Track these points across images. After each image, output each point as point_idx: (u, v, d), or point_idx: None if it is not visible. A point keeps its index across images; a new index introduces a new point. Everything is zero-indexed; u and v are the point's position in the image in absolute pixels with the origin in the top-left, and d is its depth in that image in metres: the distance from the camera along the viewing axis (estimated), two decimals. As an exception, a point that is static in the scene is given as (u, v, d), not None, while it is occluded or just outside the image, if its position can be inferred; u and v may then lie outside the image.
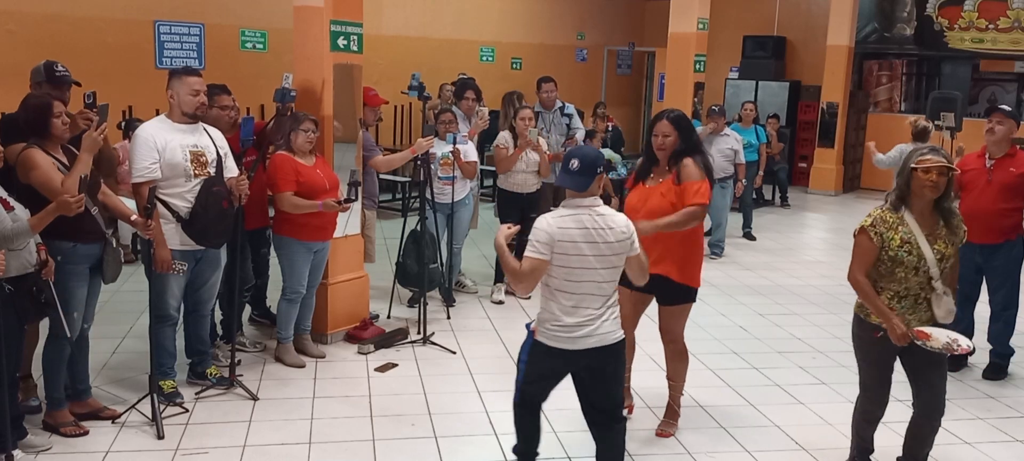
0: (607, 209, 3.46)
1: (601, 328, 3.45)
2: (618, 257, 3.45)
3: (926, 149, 3.63)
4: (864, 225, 3.63)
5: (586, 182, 3.39)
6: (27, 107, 4.02)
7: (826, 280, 7.97)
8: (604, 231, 3.40)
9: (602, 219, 3.41)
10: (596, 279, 3.42)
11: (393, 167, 6.33)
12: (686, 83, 9.31)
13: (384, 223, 8.61)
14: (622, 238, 3.43)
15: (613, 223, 3.42)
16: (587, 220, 3.39)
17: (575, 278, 3.40)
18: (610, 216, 3.44)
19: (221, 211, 4.48)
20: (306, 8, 5.45)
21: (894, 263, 3.60)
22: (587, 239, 3.38)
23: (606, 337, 3.47)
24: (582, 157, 3.40)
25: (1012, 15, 12.64)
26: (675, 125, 4.24)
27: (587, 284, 3.41)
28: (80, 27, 8.48)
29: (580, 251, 3.38)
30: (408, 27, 12.02)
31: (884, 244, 3.59)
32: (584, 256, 3.38)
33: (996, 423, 4.82)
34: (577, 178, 3.38)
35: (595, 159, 3.42)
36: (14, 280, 3.69)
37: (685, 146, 4.24)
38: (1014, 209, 5.26)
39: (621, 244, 3.43)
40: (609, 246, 3.41)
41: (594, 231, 3.39)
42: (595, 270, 3.40)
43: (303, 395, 4.87)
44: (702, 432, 4.55)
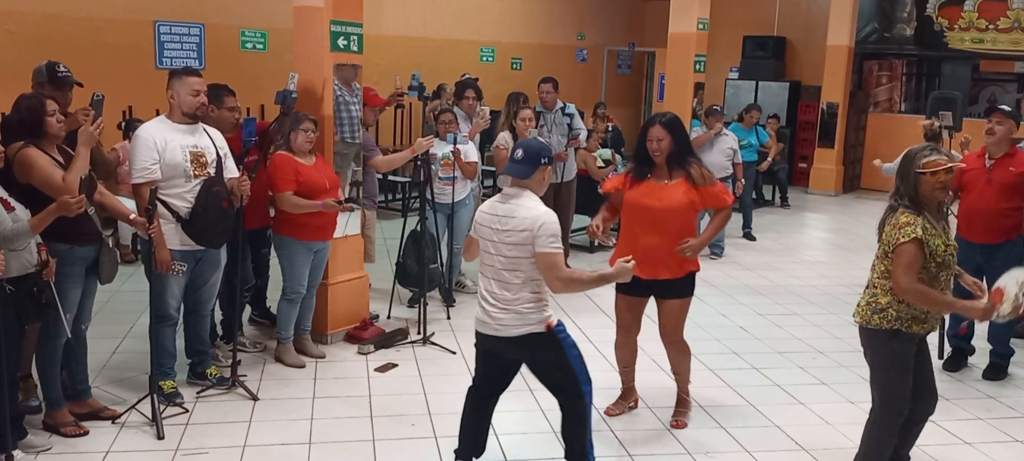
0: (528, 201, 3.48)
1: (500, 318, 3.51)
2: (520, 249, 3.44)
3: (926, 149, 3.61)
4: (916, 235, 3.48)
5: (527, 170, 3.49)
6: (20, 108, 4.01)
7: (826, 280, 7.97)
8: (507, 220, 3.47)
9: (513, 208, 3.47)
10: (494, 265, 3.52)
11: (393, 167, 6.34)
12: (686, 83, 9.30)
13: (384, 223, 8.61)
14: (525, 228, 3.42)
15: (520, 214, 3.45)
16: (500, 207, 3.51)
17: (484, 261, 3.59)
18: (523, 208, 3.46)
19: (221, 211, 4.48)
20: (306, 8, 5.45)
21: (940, 268, 3.56)
22: (492, 225, 3.51)
23: (505, 328, 3.51)
24: (526, 148, 3.56)
25: (1012, 15, 12.64)
26: (668, 129, 4.30)
27: (491, 269, 3.55)
28: (80, 27, 8.48)
29: (486, 235, 3.55)
30: (408, 27, 12.02)
31: (932, 251, 3.51)
32: (489, 241, 3.53)
33: (996, 423, 4.82)
34: (519, 166, 3.51)
35: (539, 150, 3.56)
36: (14, 280, 3.68)
37: (679, 148, 4.31)
38: (1014, 209, 5.26)
39: (523, 235, 3.42)
40: (507, 234, 3.46)
41: (500, 218, 3.49)
42: (494, 256, 3.51)
43: (303, 395, 4.87)
44: (702, 432, 4.55)
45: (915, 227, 3.50)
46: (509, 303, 3.49)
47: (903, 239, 3.50)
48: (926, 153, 3.57)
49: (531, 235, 3.42)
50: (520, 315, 3.50)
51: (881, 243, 3.67)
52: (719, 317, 6.68)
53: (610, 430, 4.54)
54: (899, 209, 3.61)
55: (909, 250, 3.49)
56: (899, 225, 3.54)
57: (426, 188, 6.03)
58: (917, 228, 3.49)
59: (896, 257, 3.53)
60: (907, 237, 3.49)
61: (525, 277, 3.48)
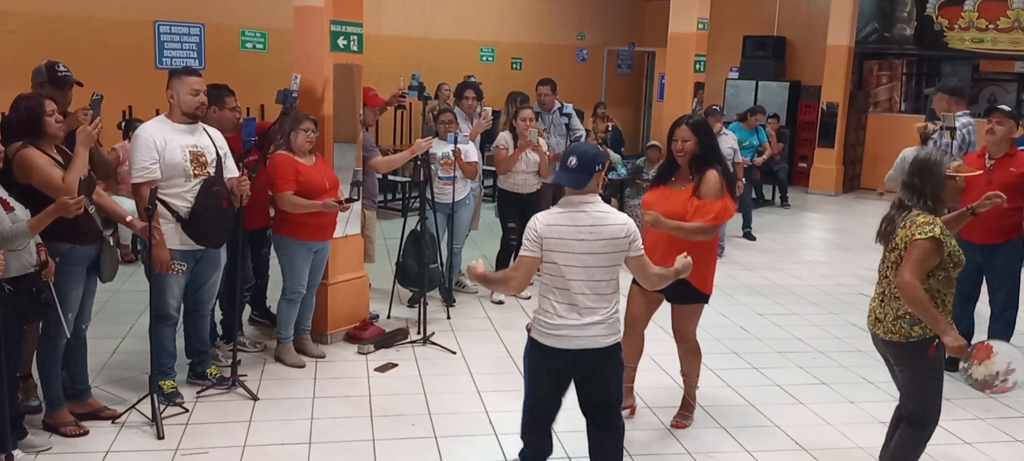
0: (606, 207, 3.40)
1: (593, 330, 3.37)
2: (614, 256, 3.37)
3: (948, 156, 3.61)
4: (935, 234, 3.45)
5: (584, 179, 3.34)
6: (18, 108, 4.01)
7: (826, 280, 7.97)
8: (598, 229, 3.33)
9: (598, 216, 3.35)
10: (587, 278, 3.35)
11: (393, 168, 6.34)
12: (686, 83, 9.31)
13: (384, 223, 8.61)
14: (618, 236, 3.35)
15: (611, 221, 3.36)
16: (581, 217, 3.34)
17: (566, 275, 3.35)
18: (608, 214, 3.38)
19: (220, 211, 4.48)
20: (306, 8, 5.45)
21: (957, 268, 3.55)
22: (578, 237, 3.33)
23: (598, 340, 3.39)
24: (581, 154, 3.36)
25: (1012, 15, 12.64)
26: (694, 130, 4.26)
27: (578, 283, 3.35)
28: (80, 27, 8.48)
29: (571, 248, 3.33)
30: (408, 27, 12.02)
31: (950, 252, 3.50)
32: (575, 254, 3.33)
33: (996, 423, 4.82)
34: (575, 175, 3.34)
35: (594, 156, 3.38)
36: (14, 280, 3.68)
37: (704, 151, 4.26)
38: (1014, 209, 5.25)
39: (617, 243, 3.35)
40: (603, 243, 3.33)
41: (587, 229, 3.33)
42: (587, 269, 3.34)
43: (303, 395, 4.87)
44: (702, 432, 4.55)
45: (933, 227, 3.47)
46: (605, 313, 3.38)
47: (920, 236, 3.46)
48: (948, 158, 3.57)
49: (627, 242, 3.36)
50: (611, 324, 3.41)
51: (893, 247, 3.60)
52: (719, 317, 6.68)
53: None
54: (913, 209, 3.58)
55: (925, 247, 3.45)
56: (917, 224, 3.50)
57: (426, 188, 6.02)
58: (936, 228, 3.47)
59: (909, 251, 3.48)
60: (924, 234, 3.45)
61: (616, 283, 3.42)
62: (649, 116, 16.47)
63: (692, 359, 4.56)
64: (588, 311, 3.36)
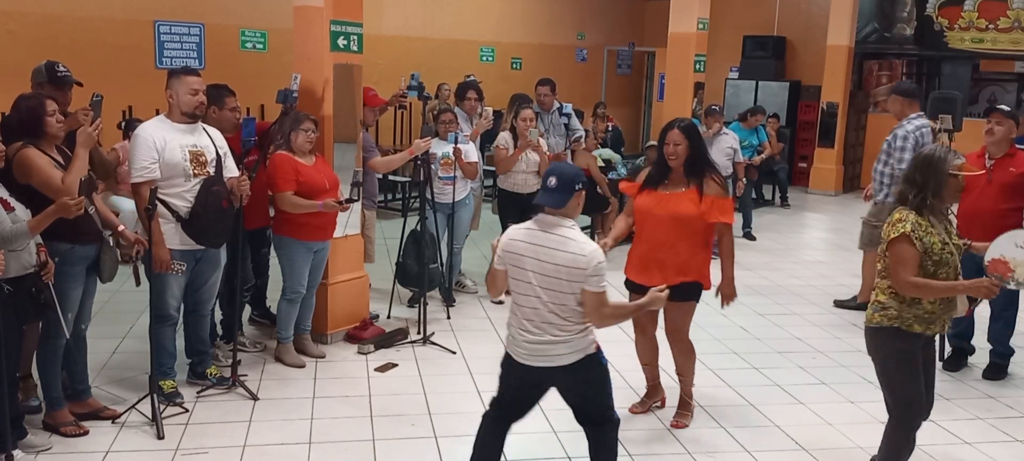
0: (575, 234, 3.27)
1: (545, 350, 3.30)
2: (567, 284, 3.22)
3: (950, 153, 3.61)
4: (904, 231, 3.48)
5: (562, 199, 3.26)
6: (19, 108, 4.01)
7: (826, 280, 7.97)
8: (555, 252, 3.22)
9: (559, 240, 3.24)
10: (536, 301, 3.27)
11: (392, 168, 6.34)
12: (686, 83, 9.30)
13: (384, 223, 8.61)
14: (575, 266, 3.19)
15: (570, 248, 3.22)
16: (542, 238, 3.26)
17: (520, 291, 3.33)
18: (572, 241, 3.23)
19: (220, 211, 4.48)
20: (306, 8, 5.45)
21: (938, 266, 3.54)
22: (534, 256, 3.26)
23: (554, 359, 3.32)
24: (560, 175, 3.29)
25: (1012, 15, 12.64)
26: (686, 134, 4.28)
27: (527, 301, 3.29)
28: (80, 27, 8.48)
29: (523, 266, 3.28)
30: (408, 27, 12.01)
31: (926, 249, 3.50)
32: (525, 272, 3.28)
33: (996, 423, 4.82)
34: (553, 195, 3.27)
35: (574, 176, 3.30)
36: (13, 281, 3.68)
37: (695, 154, 4.29)
38: (1014, 209, 5.26)
39: (570, 272, 3.20)
40: (556, 268, 3.22)
41: (544, 250, 3.24)
42: (536, 290, 3.26)
43: (303, 395, 4.87)
44: (702, 432, 4.55)
45: (904, 223, 3.52)
46: (560, 331, 3.28)
47: (893, 235, 3.53)
48: (952, 156, 3.59)
49: (583, 274, 3.19)
50: (572, 342, 3.30)
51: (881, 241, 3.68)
52: (719, 317, 6.66)
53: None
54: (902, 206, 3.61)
55: (899, 248, 3.51)
56: (892, 222, 3.57)
57: (426, 188, 6.03)
58: (906, 224, 3.51)
59: (890, 256, 3.55)
60: (896, 233, 3.52)
61: (567, 309, 3.28)
62: (649, 116, 16.47)
63: (686, 358, 4.57)
64: (541, 331, 3.29)
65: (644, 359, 4.71)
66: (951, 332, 5.62)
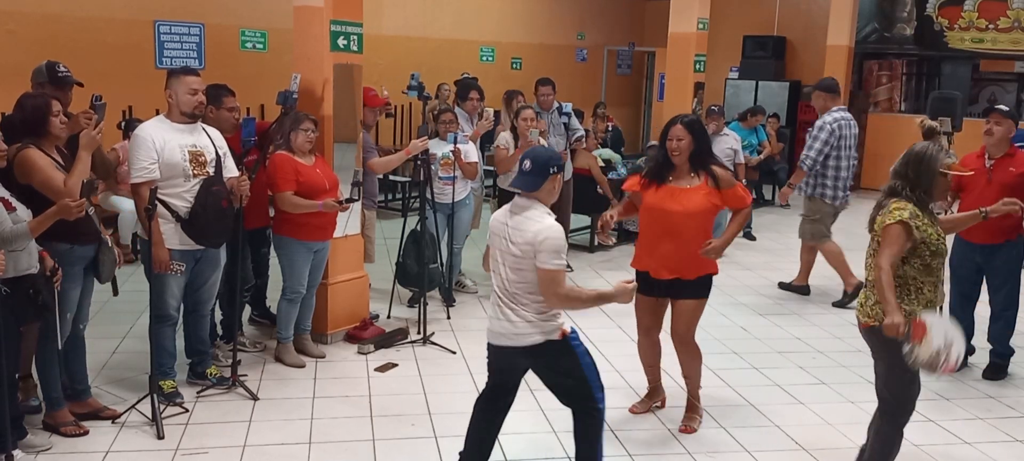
0: (540, 215, 3.38)
1: (513, 328, 3.43)
2: (527, 262, 3.35)
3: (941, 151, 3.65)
4: (903, 218, 3.53)
5: (537, 182, 3.40)
6: (24, 107, 4.01)
7: (826, 280, 7.96)
8: (519, 231, 3.38)
9: (523, 221, 3.38)
10: (503, 280, 3.45)
11: (390, 168, 6.34)
12: (686, 83, 9.30)
13: (384, 223, 8.61)
14: (527, 242, 3.33)
15: (525, 227, 3.36)
16: (511, 219, 3.43)
17: (494, 270, 3.52)
18: (532, 221, 3.36)
19: (220, 211, 4.48)
20: (306, 8, 5.45)
21: (935, 256, 3.60)
22: (504, 234, 3.44)
23: (519, 338, 3.44)
24: (534, 158, 3.43)
25: (1012, 15, 12.64)
26: (689, 129, 4.29)
27: (496, 279, 3.49)
28: (80, 27, 8.48)
29: (496, 245, 3.50)
30: (408, 27, 12.02)
31: (925, 239, 3.55)
32: (498, 252, 3.48)
33: (996, 423, 4.82)
34: (526, 178, 3.41)
35: (548, 160, 3.43)
36: (11, 282, 3.68)
37: (699, 149, 4.31)
38: (1014, 209, 5.26)
39: (526, 249, 3.34)
40: (517, 247, 3.37)
41: (512, 230, 3.41)
42: (504, 270, 3.44)
43: (303, 395, 4.87)
44: (702, 432, 4.55)
45: (903, 211, 3.56)
46: (525, 311, 3.41)
47: (890, 220, 3.56)
48: (944, 155, 3.62)
49: (532, 249, 3.32)
50: (533, 324, 3.41)
51: (873, 234, 3.71)
52: (719, 317, 6.67)
53: (610, 430, 4.53)
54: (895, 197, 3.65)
55: (893, 230, 3.54)
56: (891, 210, 3.60)
57: (426, 188, 6.02)
58: (905, 212, 3.55)
59: (882, 236, 3.59)
60: (894, 218, 3.55)
61: (531, 288, 3.39)
62: (649, 116, 16.47)
63: (693, 361, 4.56)
64: (510, 307, 3.43)
65: (647, 361, 4.70)
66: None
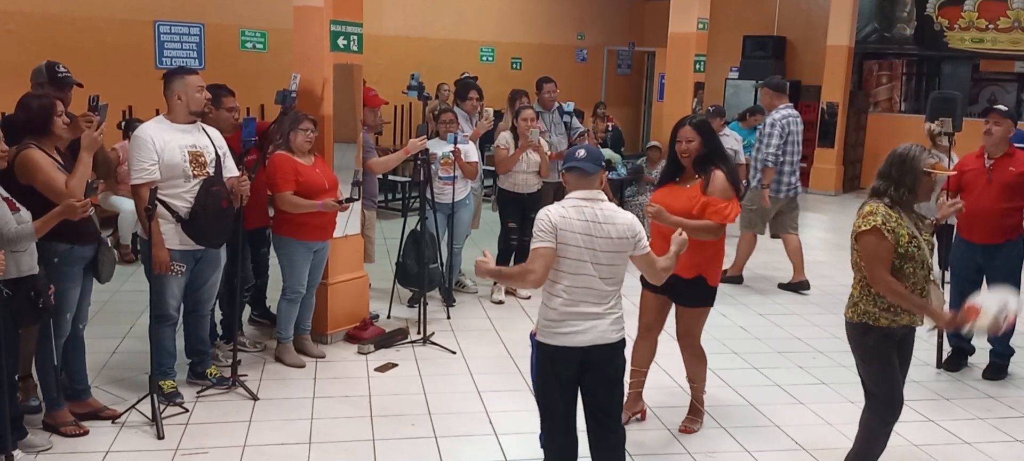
0: (611, 205, 3.42)
1: (599, 326, 3.37)
2: (618, 255, 3.37)
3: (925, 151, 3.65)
4: (875, 224, 3.52)
5: (595, 167, 3.41)
6: (29, 107, 4.02)
7: (826, 280, 7.96)
8: (605, 226, 3.34)
9: (604, 213, 3.36)
10: (594, 274, 3.34)
11: (389, 168, 6.34)
12: (686, 83, 9.31)
13: (384, 223, 8.61)
14: (624, 235, 3.36)
15: (617, 219, 3.37)
16: (589, 212, 3.35)
17: (573, 270, 3.34)
18: (614, 212, 3.39)
19: (220, 211, 4.47)
20: (306, 8, 5.45)
21: (904, 260, 3.56)
22: (586, 231, 3.33)
23: (605, 335, 3.38)
24: (589, 149, 3.47)
25: (1012, 15, 12.64)
26: (697, 130, 4.26)
27: (584, 278, 3.34)
28: (80, 27, 8.48)
29: (579, 243, 3.33)
30: (408, 27, 12.02)
31: (897, 241, 3.54)
32: (582, 248, 3.33)
33: (996, 423, 4.82)
34: (588, 162, 3.40)
35: (599, 154, 3.48)
36: (12, 283, 3.68)
37: (709, 150, 4.26)
38: (1014, 208, 5.26)
39: (623, 242, 3.36)
40: (609, 242, 3.34)
41: (594, 224, 3.34)
42: (597, 265, 3.34)
43: (303, 395, 4.87)
44: (702, 432, 4.55)
45: (875, 216, 3.55)
46: (611, 308, 3.40)
47: (864, 228, 3.56)
48: (927, 155, 3.62)
49: (633, 240, 3.38)
50: (617, 320, 3.42)
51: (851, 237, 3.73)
52: (719, 317, 6.67)
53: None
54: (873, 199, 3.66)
55: (869, 241, 3.55)
56: (863, 215, 3.61)
57: (426, 188, 6.03)
58: (877, 217, 3.54)
59: (860, 250, 3.61)
60: (867, 226, 3.55)
61: (621, 279, 3.43)
62: (649, 116, 16.47)
63: (698, 364, 4.54)
64: (596, 306, 3.36)
65: (637, 362, 4.60)
66: (951, 332, 5.62)
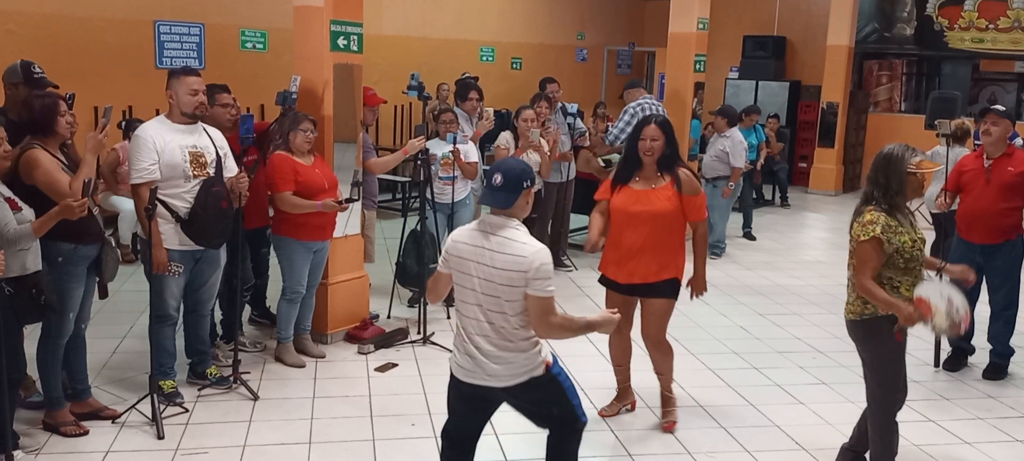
0: (519, 235, 3.03)
1: (495, 367, 3.05)
2: (508, 290, 2.98)
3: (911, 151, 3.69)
4: (875, 234, 3.58)
5: (508, 199, 3.04)
6: (32, 106, 4.03)
7: (826, 280, 7.96)
8: (497, 255, 2.99)
9: (502, 241, 3.01)
10: (476, 310, 3.05)
11: (388, 168, 6.34)
12: (686, 83, 9.30)
13: (384, 223, 8.61)
14: (515, 267, 2.95)
15: (512, 250, 2.98)
16: (486, 241, 3.03)
17: (462, 298, 3.11)
18: (513, 242, 3.00)
19: (220, 211, 4.47)
20: (306, 8, 5.45)
21: (908, 262, 3.64)
22: (476, 258, 3.03)
23: (501, 378, 3.06)
24: (506, 172, 3.05)
25: (1012, 15, 12.64)
26: (663, 129, 4.23)
27: (467, 309, 3.09)
28: (80, 27, 8.48)
29: (467, 270, 3.06)
30: (408, 27, 12.02)
31: (898, 249, 3.60)
32: (469, 277, 3.05)
33: (996, 423, 4.82)
34: (497, 194, 3.04)
35: (520, 173, 3.06)
36: (14, 281, 3.68)
37: (671, 151, 4.26)
38: (1013, 208, 5.26)
39: (510, 276, 2.96)
40: (497, 273, 2.98)
41: (487, 252, 3.01)
42: (478, 297, 3.04)
43: (303, 395, 4.88)
44: (702, 432, 4.55)
45: (875, 226, 3.60)
46: (504, 348, 3.04)
47: (863, 237, 3.62)
48: (911, 154, 3.67)
49: (524, 277, 2.95)
50: (515, 364, 3.06)
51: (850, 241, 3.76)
52: (719, 317, 6.68)
53: (610, 430, 4.54)
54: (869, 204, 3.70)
55: (867, 250, 3.61)
56: (863, 223, 3.65)
57: (426, 188, 6.03)
58: (878, 227, 3.60)
59: (857, 255, 3.66)
60: (867, 235, 3.60)
61: (519, 319, 3.03)
62: (649, 116, 16.45)
63: (665, 357, 4.50)
64: (485, 343, 3.05)
65: (617, 360, 4.66)
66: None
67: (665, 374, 4.56)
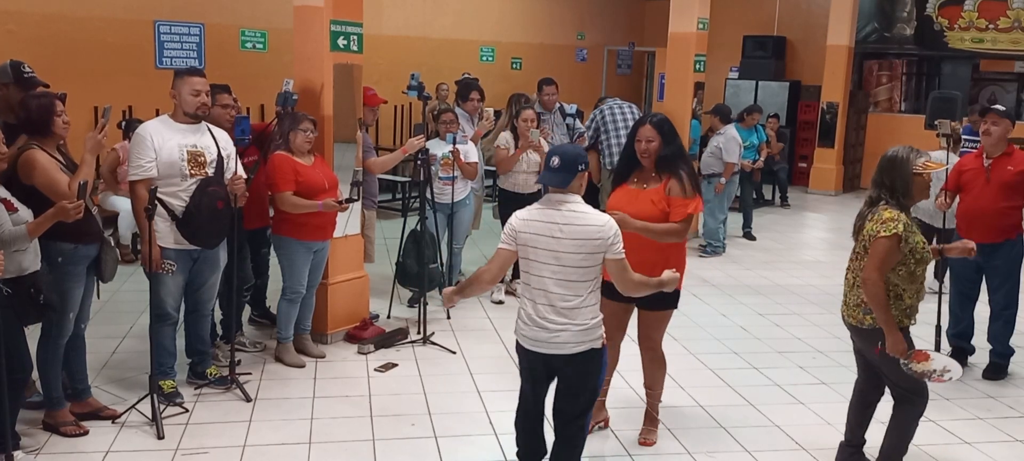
0: (586, 208, 3.35)
1: (559, 336, 3.33)
2: (589, 256, 3.29)
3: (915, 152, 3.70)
4: (897, 231, 3.57)
5: (566, 178, 3.33)
6: (29, 106, 4.03)
7: (826, 280, 7.96)
8: (571, 227, 3.28)
9: (573, 215, 3.30)
10: (554, 278, 3.30)
11: (387, 168, 6.34)
12: (686, 83, 9.31)
13: (384, 223, 8.61)
14: (594, 238, 3.28)
15: (586, 221, 3.29)
16: (556, 215, 3.31)
17: (536, 273, 3.35)
18: (585, 214, 3.32)
19: (215, 211, 4.45)
20: (306, 8, 5.45)
21: (919, 263, 3.66)
22: (551, 234, 3.30)
23: (564, 346, 3.34)
24: (563, 155, 3.36)
25: (1012, 15, 12.64)
26: (658, 129, 4.12)
27: (546, 281, 3.33)
28: (80, 27, 8.48)
29: (539, 245, 3.32)
30: (408, 27, 12.02)
31: (912, 248, 3.61)
32: (543, 251, 3.31)
33: (996, 423, 4.82)
34: (557, 175, 3.34)
35: (576, 157, 3.37)
36: (12, 282, 3.68)
37: (669, 151, 4.12)
38: (1013, 208, 5.27)
39: (593, 243, 3.28)
40: (575, 243, 3.27)
41: (560, 226, 3.29)
42: (554, 266, 3.30)
43: (303, 395, 4.88)
44: (702, 432, 4.55)
45: (897, 223, 3.60)
46: (573, 317, 3.32)
47: (884, 234, 3.60)
48: (915, 155, 3.69)
49: (604, 244, 3.28)
50: (583, 330, 3.34)
51: (861, 238, 3.75)
52: (719, 317, 6.68)
53: (610, 430, 4.54)
54: (881, 204, 3.70)
55: (886, 245, 3.59)
56: (882, 220, 3.63)
57: (426, 188, 6.03)
58: (899, 224, 3.60)
59: (873, 247, 3.64)
60: (888, 232, 3.59)
61: (592, 286, 3.34)
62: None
63: (657, 369, 4.38)
64: (558, 314, 3.32)
65: None
66: (951, 332, 5.63)
67: (655, 390, 4.41)
